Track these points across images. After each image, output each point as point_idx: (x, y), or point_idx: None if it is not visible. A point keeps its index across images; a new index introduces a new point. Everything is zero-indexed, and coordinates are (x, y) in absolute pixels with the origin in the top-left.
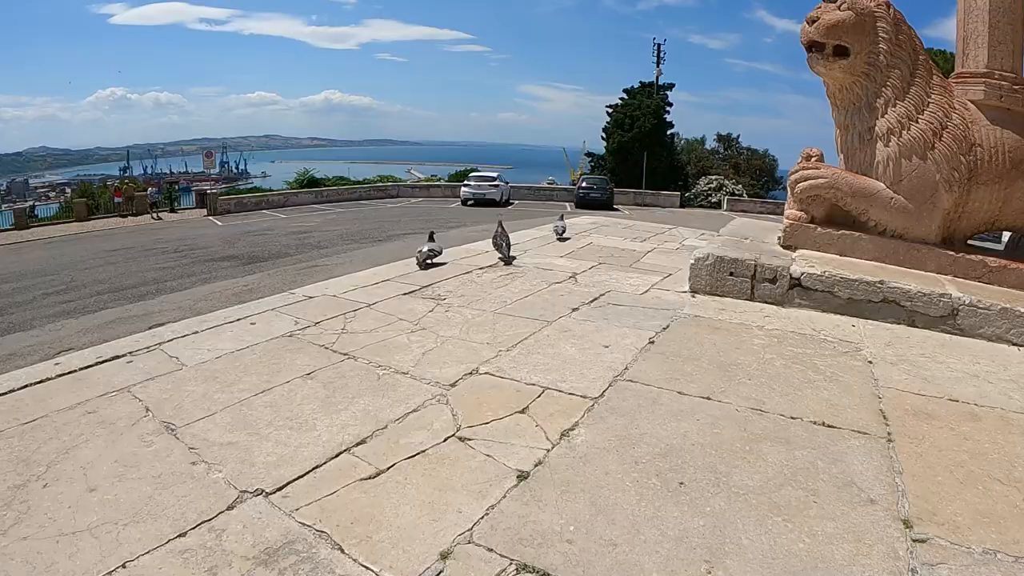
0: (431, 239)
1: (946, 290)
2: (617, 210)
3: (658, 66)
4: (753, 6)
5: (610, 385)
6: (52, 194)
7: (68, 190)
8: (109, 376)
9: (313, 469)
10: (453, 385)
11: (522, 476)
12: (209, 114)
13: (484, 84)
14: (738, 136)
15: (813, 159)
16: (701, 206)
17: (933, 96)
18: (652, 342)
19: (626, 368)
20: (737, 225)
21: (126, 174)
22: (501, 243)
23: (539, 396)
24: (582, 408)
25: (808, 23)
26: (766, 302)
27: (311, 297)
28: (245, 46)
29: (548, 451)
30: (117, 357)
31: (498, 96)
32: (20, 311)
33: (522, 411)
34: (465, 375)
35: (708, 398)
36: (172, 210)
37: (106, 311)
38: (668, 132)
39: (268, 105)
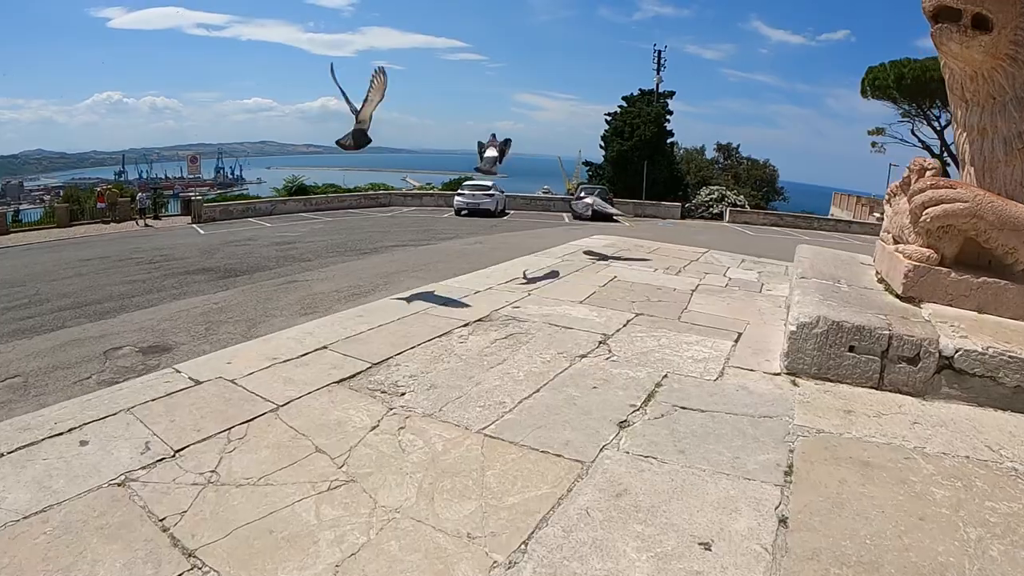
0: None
1: None
2: (616, 221)
3: (658, 73)
4: (748, 17)
5: None
6: (47, 197)
7: (62, 193)
8: None
9: None
10: None
11: None
12: (205, 119)
13: (481, 92)
14: (738, 146)
15: (929, 173)
16: (702, 217)
17: None
18: (783, 521)
19: None
20: (812, 258)
21: (121, 178)
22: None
23: None
24: None
25: None
26: (900, 391)
27: (198, 383)
28: (242, 52)
29: None
30: None
31: (494, 105)
32: None
33: None
34: None
35: None
36: (156, 216)
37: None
38: (668, 141)
39: (264, 111)
